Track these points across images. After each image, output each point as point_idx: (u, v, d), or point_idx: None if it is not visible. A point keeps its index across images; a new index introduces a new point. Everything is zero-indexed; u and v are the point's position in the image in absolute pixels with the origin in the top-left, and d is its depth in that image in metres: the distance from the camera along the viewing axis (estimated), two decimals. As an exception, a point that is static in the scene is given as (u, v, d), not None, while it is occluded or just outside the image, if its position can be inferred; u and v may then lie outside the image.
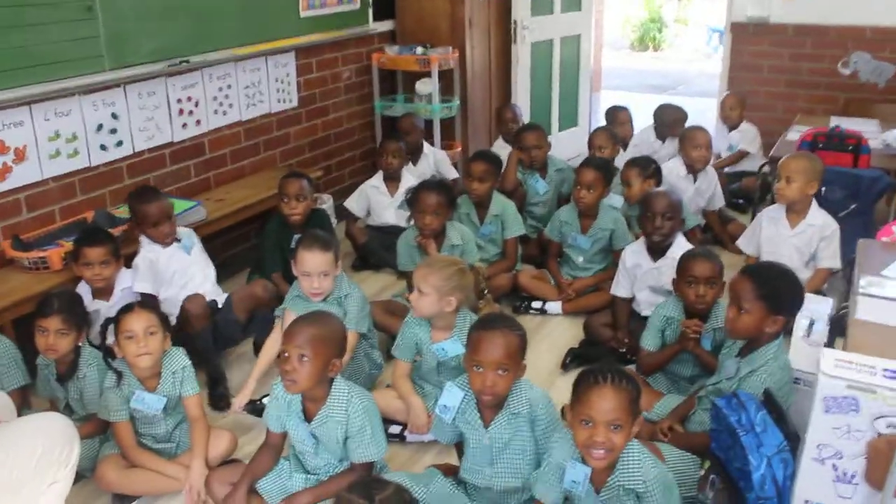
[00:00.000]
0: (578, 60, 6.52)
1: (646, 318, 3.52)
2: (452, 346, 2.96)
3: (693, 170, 4.59)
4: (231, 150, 4.48)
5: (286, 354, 2.35)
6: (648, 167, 4.16)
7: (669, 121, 5.38)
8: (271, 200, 4.17)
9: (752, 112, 5.68)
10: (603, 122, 6.75)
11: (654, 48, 14.57)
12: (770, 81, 6.05)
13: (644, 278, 3.62)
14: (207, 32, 4.11)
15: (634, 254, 3.66)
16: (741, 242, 3.87)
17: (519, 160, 4.66)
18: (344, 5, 5.00)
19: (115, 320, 2.72)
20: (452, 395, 2.51)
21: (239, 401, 3.13)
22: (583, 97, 6.68)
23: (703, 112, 7.72)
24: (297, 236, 3.83)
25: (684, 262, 3.09)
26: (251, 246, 4.55)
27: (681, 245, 3.54)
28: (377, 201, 4.67)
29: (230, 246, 4.48)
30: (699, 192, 4.62)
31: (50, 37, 3.40)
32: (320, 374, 2.37)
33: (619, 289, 3.70)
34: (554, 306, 4.04)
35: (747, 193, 5.24)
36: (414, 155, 4.92)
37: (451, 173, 5.10)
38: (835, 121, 4.99)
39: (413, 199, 3.80)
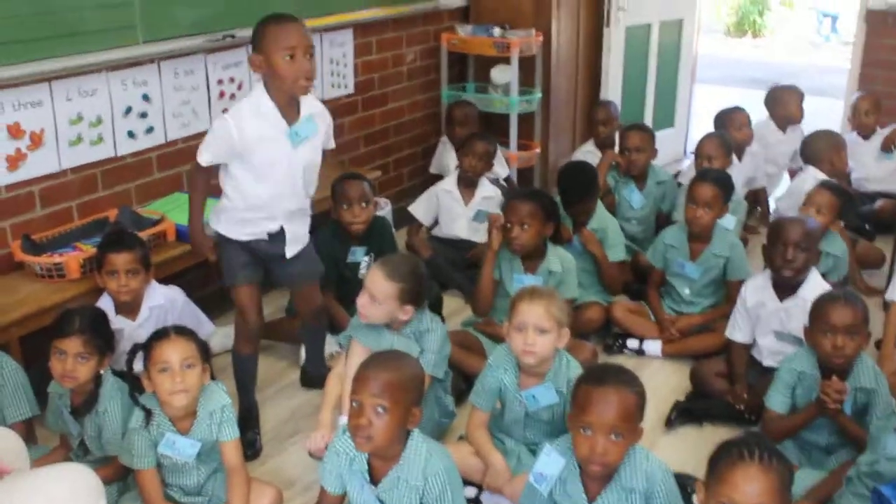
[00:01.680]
0: (679, 49, 6.37)
1: (768, 368, 3.42)
2: (545, 394, 2.84)
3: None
4: (276, 142, 4.39)
5: (358, 405, 2.24)
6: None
7: (786, 103, 5.31)
8: (322, 204, 4.05)
9: (886, 118, 5.45)
10: (700, 123, 6.67)
11: (754, 34, 14.35)
12: (910, 81, 5.82)
13: (768, 321, 3.45)
14: (255, 1, 4.02)
15: (757, 290, 3.50)
16: (891, 292, 3.66)
17: (613, 164, 4.55)
18: (412, -25, 4.91)
19: (147, 347, 2.62)
20: (551, 462, 2.38)
21: (316, 444, 3.02)
22: (682, 94, 6.52)
23: (817, 114, 7.44)
24: (355, 248, 3.81)
25: (819, 306, 2.93)
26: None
27: (815, 283, 3.38)
28: (448, 209, 4.59)
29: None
30: None
31: (75, 1, 3.33)
32: (399, 427, 2.28)
33: (737, 332, 3.54)
34: (653, 346, 3.92)
35: (883, 218, 5.03)
36: None
37: (504, 170, 5.02)
38: None
39: (504, 208, 3.74)
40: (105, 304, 3.12)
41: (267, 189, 2.97)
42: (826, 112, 6.73)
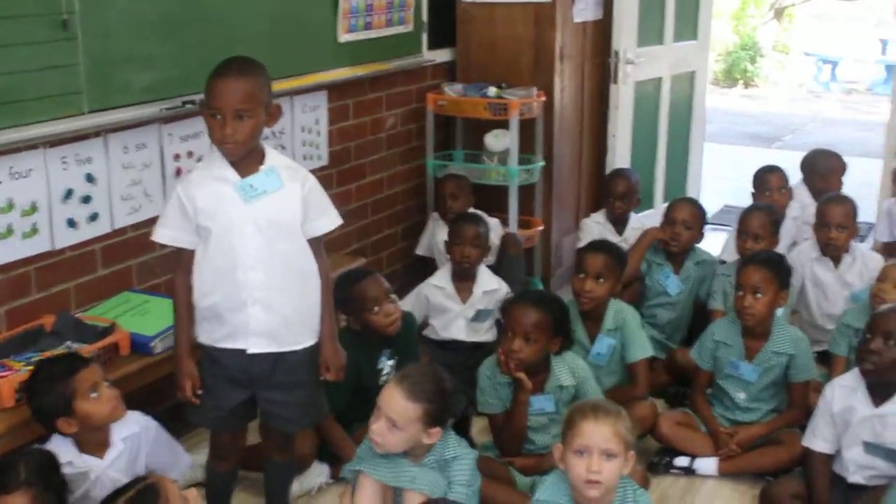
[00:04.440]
0: (691, 106, 6.39)
1: (854, 486, 3.35)
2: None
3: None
4: (241, 228, 4.24)
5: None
6: None
7: (824, 171, 5.32)
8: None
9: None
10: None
11: (745, 83, 14.61)
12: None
13: (858, 429, 3.36)
14: (218, 62, 3.87)
15: (846, 392, 3.41)
16: None
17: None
18: (394, 27, 4.85)
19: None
20: None
21: None
22: (694, 156, 6.51)
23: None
24: (387, 352, 3.77)
25: None
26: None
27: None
28: (442, 308, 4.47)
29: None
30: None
31: (8, 64, 3.18)
32: None
33: (818, 440, 3.45)
34: (707, 465, 3.79)
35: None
36: None
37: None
38: None
39: (503, 316, 3.64)
40: (60, 442, 2.87)
41: (227, 259, 2.85)
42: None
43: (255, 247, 2.84)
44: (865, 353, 3.31)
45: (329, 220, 3.00)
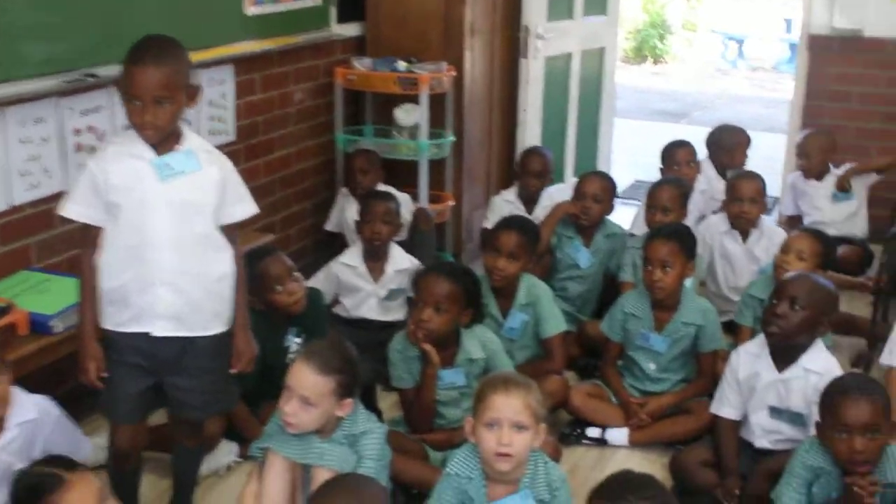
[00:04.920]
0: (601, 82, 6.44)
1: (760, 451, 3.42)
2: (522, 506, 2.73)
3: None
4: (145, 204, 4.15)
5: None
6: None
7: (730, 146, 5.47)
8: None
9: (838, 155, 5.59)
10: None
11: (654, 60, 14.79)
12: (861, 114, 6.02)
13: (763, 395, 3.43)
14: (120, 34, 3.76)
15: (751, 358, 3.47)
16: (886, 357, 3.66)
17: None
18: (301, 0, 4.79)
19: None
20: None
21: None
22: (604, 131, 6.57)
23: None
24: (293, 330, 3.75)
25: (830, 399, 2.93)
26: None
27: (819, 352, 3.38)
28: (353, 287, 4.45)
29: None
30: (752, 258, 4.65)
31: None
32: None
33: (725, 406, 3.51)
34: (618, 435, 3.85)
35: (848, 267, 5.12)
36: None
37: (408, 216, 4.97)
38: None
39: (414, 286, 3.65)
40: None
41: (137, 238, 2.76)
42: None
43: (168, 227, 2.76)
44: (771, 316, 3.37)
45: (246, 207, 2.93)
